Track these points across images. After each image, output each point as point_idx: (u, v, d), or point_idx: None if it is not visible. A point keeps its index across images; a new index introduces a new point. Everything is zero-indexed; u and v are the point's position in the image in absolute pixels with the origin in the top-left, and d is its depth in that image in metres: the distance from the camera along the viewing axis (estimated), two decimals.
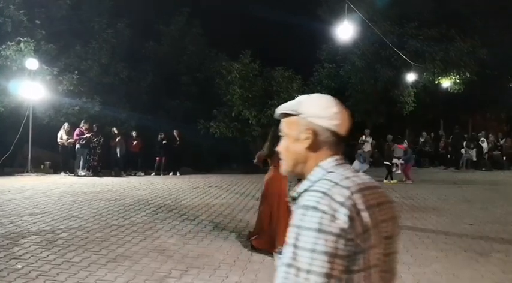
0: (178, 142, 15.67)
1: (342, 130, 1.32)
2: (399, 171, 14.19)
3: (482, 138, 17.51)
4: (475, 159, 17.01)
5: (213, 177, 14.02)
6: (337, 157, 1.32)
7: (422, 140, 18.91)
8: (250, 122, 16.27)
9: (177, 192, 10.47)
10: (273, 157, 5.44)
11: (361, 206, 1.18)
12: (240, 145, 17.65)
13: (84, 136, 13.94)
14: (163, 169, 15.30)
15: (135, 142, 15.30)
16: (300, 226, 1.16)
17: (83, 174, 13.64)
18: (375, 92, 18.88)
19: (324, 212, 1.15)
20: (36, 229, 6.42)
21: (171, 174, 15.14)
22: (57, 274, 4.64)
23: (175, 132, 15.80)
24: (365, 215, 1.18)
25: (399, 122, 19.89)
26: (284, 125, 1.38)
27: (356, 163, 13.60)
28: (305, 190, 1.24)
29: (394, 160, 13.54)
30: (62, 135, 13.83)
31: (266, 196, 5.75)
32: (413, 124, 20.62)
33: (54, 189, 10.39)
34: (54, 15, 15.23)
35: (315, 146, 1.31)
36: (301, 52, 19.94)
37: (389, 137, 14.05)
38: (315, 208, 1.16)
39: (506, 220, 7.72)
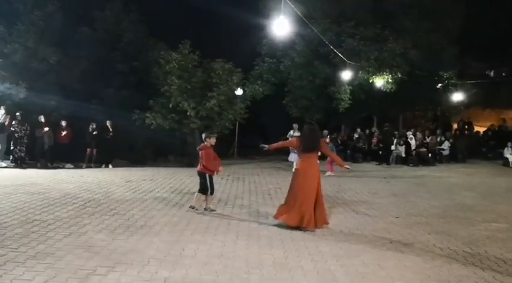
0: (111, 133, 15.04)
1: None
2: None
3: (411, 136, 18.50)
4: (403, 155, 17.93)
5: (147, 170, 13.59)
6: None
7: (356, 136, 19.61)
8: (188, 114, 15.93)
9: (108, 186, 10.01)
10: (315, 148, 6.81)
11: None
12: (177, 137, 17.27)
13: (13, 124, 12.97)
14: (94, 162, 14.61)
15: (64, 133, 14.48)
16: None
17: (3, 165, 12.67)
18: (313, 88, 19.27)
19: None
20: None
21: (102, 166, 14.50)
22: None
23: (108, 123, 15.16)
24: None
25: (336, 118, 20.48)
26: None
27: (291, 155, 13.93)
28: None
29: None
30: None
31: (303, 180, 6.56)
32: (348, 120, 21.34)
33: None
34: None
35: None
36: (242, 45, 19.87)
37: (325, 132, 14.44)
38: None
39: (429, 213, 8.19)
